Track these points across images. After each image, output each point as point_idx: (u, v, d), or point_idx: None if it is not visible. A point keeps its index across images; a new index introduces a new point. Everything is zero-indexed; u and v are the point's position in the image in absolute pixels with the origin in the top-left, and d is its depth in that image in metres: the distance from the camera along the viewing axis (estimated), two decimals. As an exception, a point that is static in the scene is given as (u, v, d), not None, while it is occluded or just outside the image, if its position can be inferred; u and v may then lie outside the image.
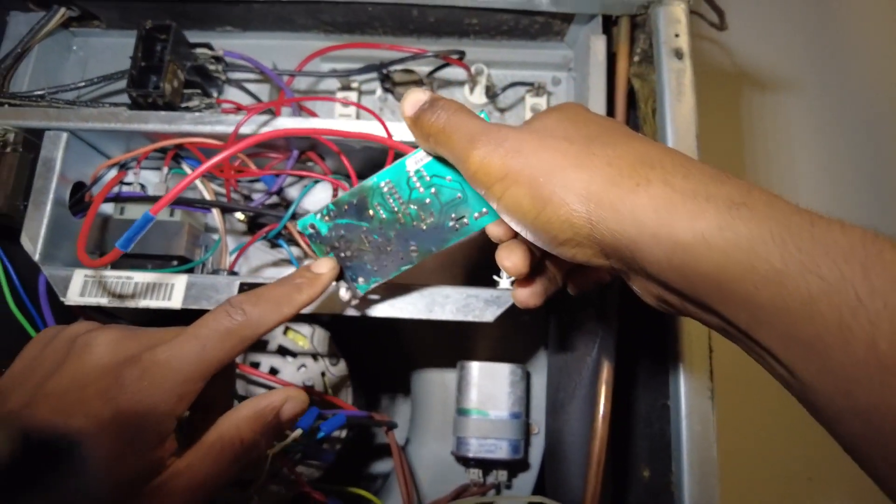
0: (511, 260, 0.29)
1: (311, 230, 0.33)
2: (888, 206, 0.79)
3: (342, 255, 0.33)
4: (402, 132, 0.40)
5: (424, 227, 0.31)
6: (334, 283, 0.34)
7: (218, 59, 0.46)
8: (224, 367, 0.28)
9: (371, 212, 0.31)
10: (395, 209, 0.31)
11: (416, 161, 0.30)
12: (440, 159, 0.29)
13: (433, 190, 0.30)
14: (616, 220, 0.23)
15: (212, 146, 0.41)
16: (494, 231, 0.30)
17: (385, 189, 0.30)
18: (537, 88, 0.48)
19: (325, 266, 0.32)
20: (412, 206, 0.30)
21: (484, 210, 0.30)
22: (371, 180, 0.30)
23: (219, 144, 0.41)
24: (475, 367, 0.45)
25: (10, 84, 0.47)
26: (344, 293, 0.36)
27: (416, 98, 0.28)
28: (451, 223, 0.31)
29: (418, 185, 0.30)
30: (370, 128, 0.40)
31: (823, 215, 0.21)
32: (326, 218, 0.32)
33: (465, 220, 0.30)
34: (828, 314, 0.19)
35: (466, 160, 0.26)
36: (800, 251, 0.20)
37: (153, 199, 0.44)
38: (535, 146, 0.25)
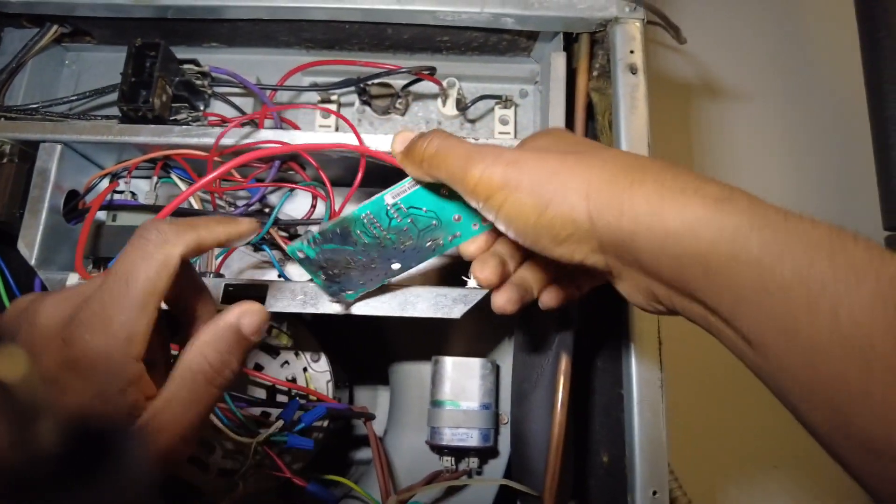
0: (484, 273, 0.32)
1: (300, 255, 0.35)
2: (836, 215, 0.83)
3: (331, 272, 0.36)
4: (377, 143, 0.43)
5: (404, 249, 0.35)
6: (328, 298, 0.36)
7: (204, 75, 0.49)
8: (162, 295, 0.27)
9: (354, 238, 0.34)
10: (377, 235, 0.34)
11: (394, 196, 0.33)
12: (427, 186, 0.32)
13: (410, 219, 0.33)
14: (615, 214, 0.26)
15: (197, 157, 0.44)
16: (466, 250, 0.34)
17: (366, 220, 0.33)
18: (505, 101, 0.51)
19: (244, 220, 0.32)
20: (391, 233, 0.34)
21: (457, 233, 0.34)
22: (352, 212, 0.33)
23: (204, 155, 0.44)
24: (448, 362, 0.48)
25: (5, 97, 0.50)
26: (337, 307, 0.39)
27: (403, 136, 0.31)
28: (428, 244, 0.34)
29: (396, 215, 0.33)
30: (351, 139, 0.43)
31: (797, 211, 0.24)
32: (313, 244, 0.34)
33: (440, 241, 0.34)
34: (799, 296, 0.22)
35: (465, 176, 0.28)
36: (776, 241, 0.23)
37: (144, 208, 0.47)
38: (533, 157, 0.28)
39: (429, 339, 0.52)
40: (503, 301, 0.34)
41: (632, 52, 0.46)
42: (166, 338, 0.33)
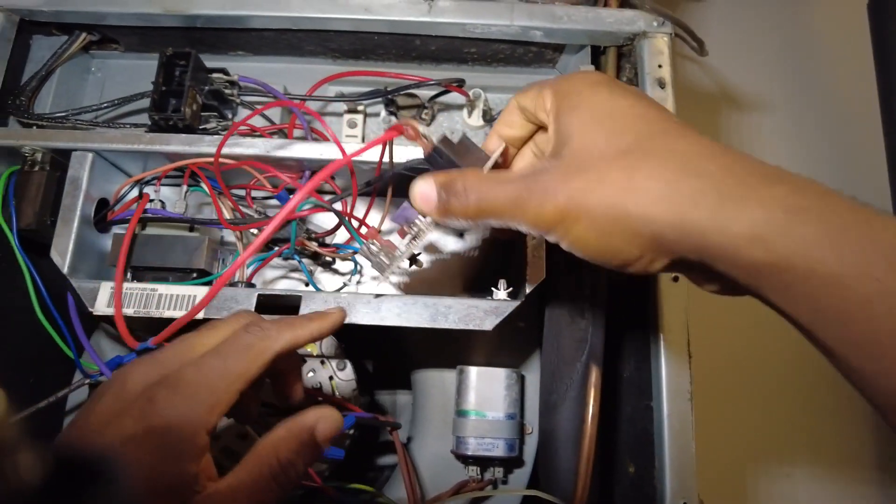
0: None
1: None
2: None
3: None
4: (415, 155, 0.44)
5: None
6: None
7: (233, 84, 0.49)
8: (250, 381, 0.29)
9: None
10: None
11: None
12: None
13: None
14: (680, 234, 0.25)
15: (231, 166, 0.44)
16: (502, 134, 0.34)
17: None
18: (531, 112, 0.51)
19: (335, 309, 0.35)
20: None
21: None
22: None
23: (234, 164, 0.44)
24: (474, 372, 0.49)
25: (34, 105, 0.50)
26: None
27: (422, 194, 0.30)
28: None
29: None
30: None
31: (879, 213, 0.22)
32: None
33: None
34: (884, 316, 0.20)
35: (520, 220, 0.28)
36: (855, 253, 0.21)
37: (176, 219, 0.47)
38: (577, 182, 0.26)
39: (452, 347, 0.52)
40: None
41: (660, 66, 0.46)
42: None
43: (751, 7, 0.90)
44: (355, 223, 0.43)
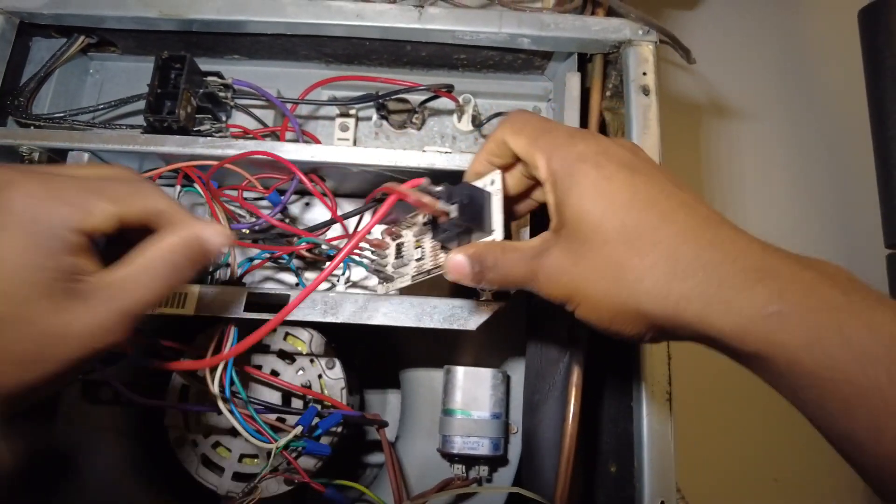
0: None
1: None
2: (839, 231, 0.84)
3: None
4: (404, 158, 0.44)
5: None
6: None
7: (227, 87, 0.50)
8: (124, 217, 0.29)
9: None
10: None
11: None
12: None
13: None
14: (673, 327, 0.28)
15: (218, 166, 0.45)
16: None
17: None
18: (519, 117, 0.52)
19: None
20: None
21: None
22: None
23: (232, 167, 0.45)
24: (460, 372, 0.49)
25: (32, 106, 0.51)
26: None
27: (456, 267, 0.32)
28: None
29: None
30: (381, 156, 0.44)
31: (863, 308, 0.24)
32: None
33: None
34: (861, 416, 0.22)
35: (534, 291, 0.31)
36: (830, 358, 0.23)
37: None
38: (576, 269, 0.29)
39: (440, 347, 0.53)
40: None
41: (644, 73, 0.47)
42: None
43: (742, 16, 0.91)
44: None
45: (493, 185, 0.36)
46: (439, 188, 0.34)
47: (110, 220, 0.29)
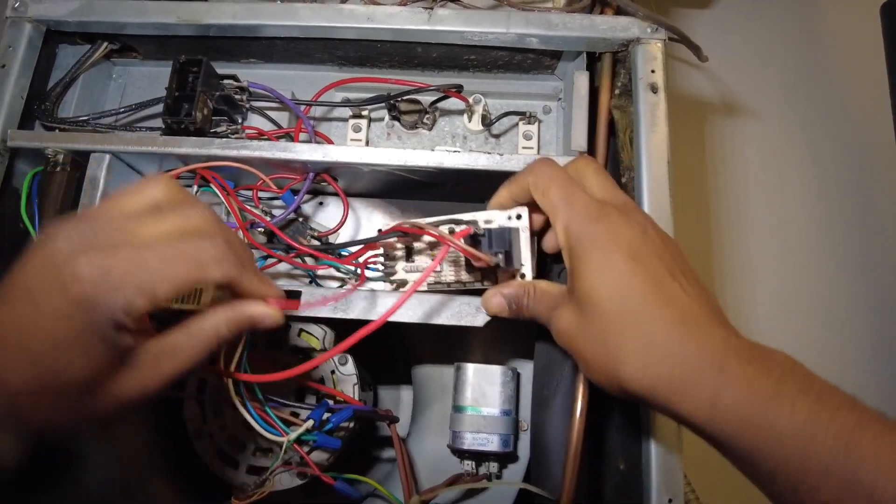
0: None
1: None
2: (851, 231, 0.83)
3: None
4: (415, 157, 0.45)
5: None
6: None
7: (243, 90, 0.51)
8: (178, 293, 0.32)
9: None
10: None
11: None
12: None
13: None
14: (653, 402, 0.32)
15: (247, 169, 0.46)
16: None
17: None
18: (529, 117, 0.53)
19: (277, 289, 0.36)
20: None
21: None
22: None
23: (246, 167, 0.46)
24: (470, 369, 0.50)
25: (58, 110, 0.53)
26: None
27: (497, 305, 0.39)
28: None
29: None
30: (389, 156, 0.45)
31: (784, 396, 0.28)
32: None
33: None
34: (781, 481, 0.28)
35: (547, 326, 0.37)
36: (758, 441, 0.28)
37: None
38: (579, 332, 0.34)
39: (451, 343, 0.54)
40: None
41: (653, 71, 0.48)
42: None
43: (757, 13, 0.90)
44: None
45: (519, 220, 0.40)
46: (482, 235, 0.39)
47: (172, 295, 0.30)
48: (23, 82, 0.50)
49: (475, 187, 0.52)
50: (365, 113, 0.54)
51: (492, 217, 0.40)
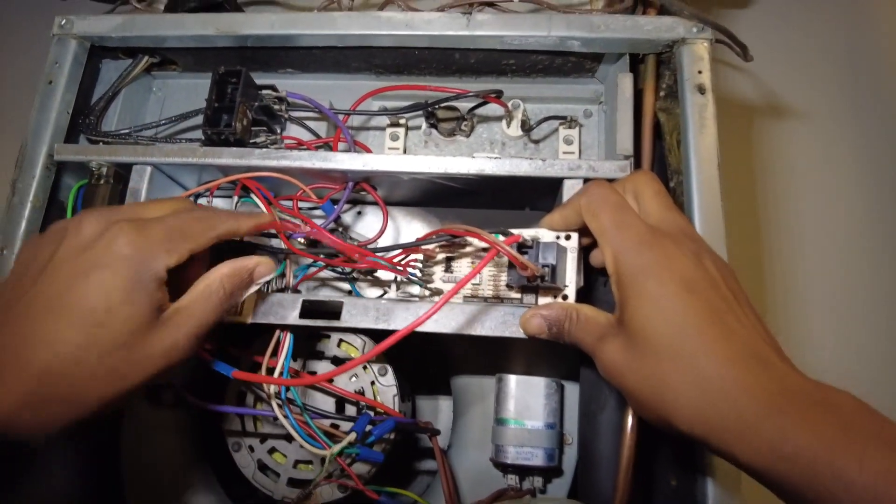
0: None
1: None
2: None
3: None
4: (455, 165, 0.45)
5: None
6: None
7: (281, 100, 0.51)
8: (199, 248, 0.36)
9: None
10: None
11: None
12: None
13: None
14: (707, 442, 0.30)
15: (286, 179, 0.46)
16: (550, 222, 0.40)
17: None
18: (570, 121, 0.52)
19: (265, 213, 0.43)
20: None
21: None
22: None
23: (286, 177, 0.46)
24: (513, 381, 0.49)
25: (102, 123, 0.54)
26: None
27: (536, 326, 0.38)
28: None
29: None
30: (427, 163, 0.44)
31: (853, 444, 0.26)
32: None
33: None
34: None
35: (591, 354, 0.36)
36: (826, 491, 0.26)
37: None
38: (627, 367, 0.33)
39: (491, 353, 0.53)
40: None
41: (700, 72, 0.46)
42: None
43: (799, 9, 0.87)
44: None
45: (568, 240, 0.39)
46: (530, 246, 0.38)
47: (187, 255, 0.35)
48: (68, 97, 0.51)
49: (515, 195, 0.51)
50: (402, 121, 0.54)
51: (540, 235, 0.39)
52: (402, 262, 0.43)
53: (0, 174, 0.65)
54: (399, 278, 0.44)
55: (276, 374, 0.43)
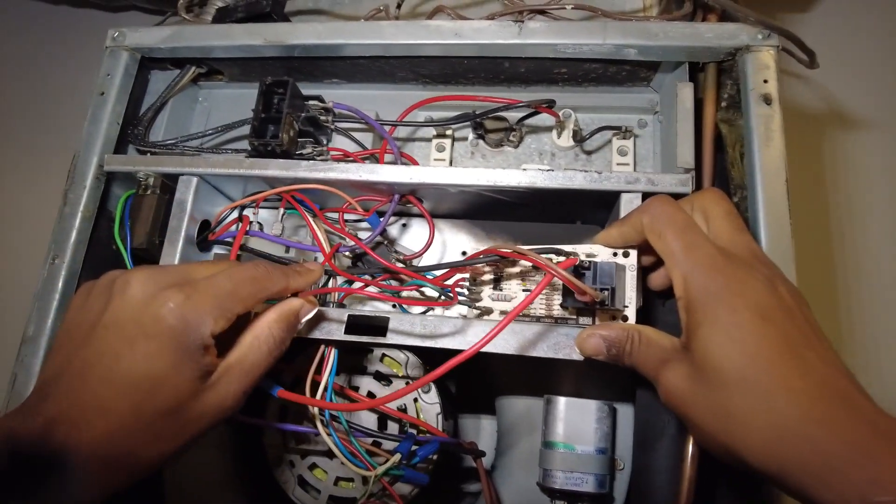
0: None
1: None
2: None
3: None
4: (504, 177, 0.43)
5: None
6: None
7: (327, 111, 0.51)
8: (248, 308, 0.36)
9: None
10: None
11: None
12: None
13: None
14: (779, 482, 0.29)
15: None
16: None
17: None
18: (624, 131, 0.50)
19: (314, 265, 0.41)
20: None
21: None
22: None
23: (332, 190, 0.45)
24: (562, 402, 0.47)
25: (149, 134, 0.54)
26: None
27: (594, 348, 0.36)
28: None
29: None
30: (471, 175, 0.43)
31: None
32: None
33: None
34: None
35: (653, 381, 0.34)
36: None
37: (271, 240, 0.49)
38: (691, 396, 0.31)
39: (538, 372, 0.51)
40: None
41: (765, 81, 0.44)
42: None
43: (864, 14, 0.83)
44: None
45: (627, 258, 0.38)
46: (587, 268, 0.37)
47: (234, 319, 0.35)
48: (118, 109, 0.51)
49: (566, 208, 0.49)
50: (449, 132, 0.52)
51: (595, 252, 0.38)
52: (453, 282, 0.42)
53: (49, 183, 0.67)
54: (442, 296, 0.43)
55: (320, 391, 0.42)
